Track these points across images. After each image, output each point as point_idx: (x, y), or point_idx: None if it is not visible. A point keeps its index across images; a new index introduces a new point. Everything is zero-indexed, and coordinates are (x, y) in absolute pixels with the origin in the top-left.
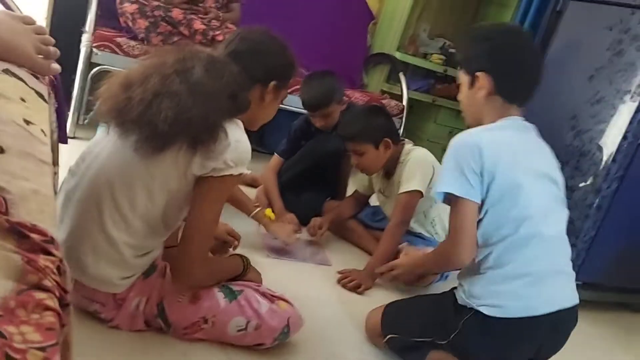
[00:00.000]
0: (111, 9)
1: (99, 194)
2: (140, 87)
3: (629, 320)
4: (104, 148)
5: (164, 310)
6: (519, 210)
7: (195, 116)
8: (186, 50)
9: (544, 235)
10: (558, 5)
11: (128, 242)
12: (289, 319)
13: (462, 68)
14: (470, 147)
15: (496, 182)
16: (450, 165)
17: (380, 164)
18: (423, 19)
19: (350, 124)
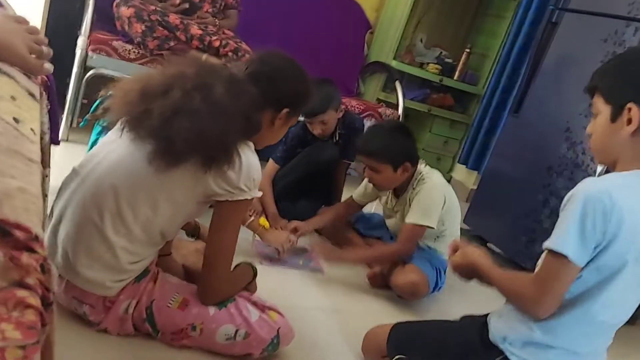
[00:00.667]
0: (107, 12)
1: (103, 197)
2: (160, 100)
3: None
4: (114, 151)
5: (153, 314)
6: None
7: (213, 137)
8: (207, 65)
9: (607, 324)
10: (553, 17)
11: (126, 248)
12: (279, 329)
13: (602, 96)
14: (603, 205)
15: (601, 259)
16: (576, 221)
17: (395, 184)
18: (420, 28)
19: (372, 141)
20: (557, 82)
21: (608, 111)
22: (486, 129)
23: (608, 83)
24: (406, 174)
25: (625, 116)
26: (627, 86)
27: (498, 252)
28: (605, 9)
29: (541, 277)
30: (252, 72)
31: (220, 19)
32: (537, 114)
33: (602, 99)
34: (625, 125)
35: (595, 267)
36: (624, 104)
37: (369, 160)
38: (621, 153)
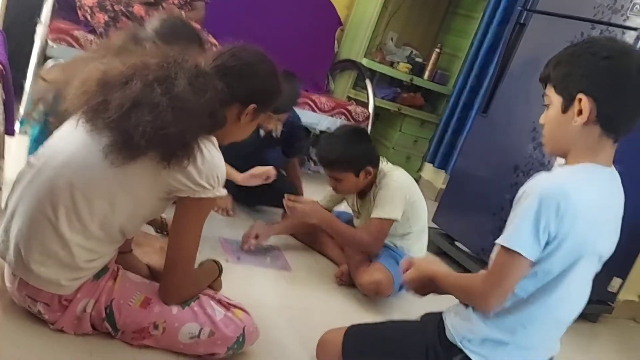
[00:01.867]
0: (69, 1)
1: (57, 192)
2: (120, 91)
3: (587, 329)
4: (69, 144)
5: (113, 313)
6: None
7: (173, 133)
8: (170, 56)
9: (562, 319)
10: (521, 18)
11: (82, 245)
12: (245, 328)
13: (554, 86)
14: (557, 202)
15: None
16: (528, 219)
17: (358, 189)
18: (391, 27)
19: (330, 150)
20: (524, 83)
21: (559, 102)
22: (453, 128)
23: (560, 73)
24: (369, 177)
25: (576, 107)
26: (578, 77)
27: (465, 250)
28: (572, 12)
29: (493, 272)
30: (220, 65)
31: (187, 11)
32: (505, 114)
33: (554, 90)
34: (576, 116)
35: (550, 265)
36: (575, 94)
37: (329, 170)
38: (572, 144)
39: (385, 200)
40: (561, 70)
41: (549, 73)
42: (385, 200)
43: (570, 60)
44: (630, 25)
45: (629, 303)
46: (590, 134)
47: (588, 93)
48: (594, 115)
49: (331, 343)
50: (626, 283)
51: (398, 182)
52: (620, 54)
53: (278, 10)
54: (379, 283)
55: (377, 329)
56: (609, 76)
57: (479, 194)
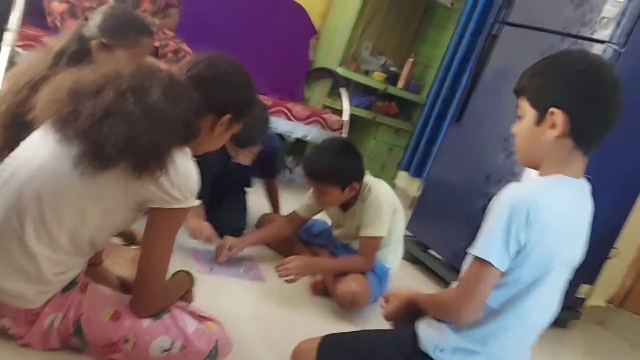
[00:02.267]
0: (38, 7)
1: (24, 203)
2: (91, 100)
3: (556, 334)
4: (37, 154)
5: (81, 328)
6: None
7: (146, 143)
8: (144, 66)
9: (534, 328)
10: (493, 30)
11: (50, 258)
12: (218, 341)
13: (528, 99)
14: (527, 212)
15: (525, 267)
16: (499, 227)
17: (341, 201)
18: (366, 36)
19: (318, 164)
20: (496, 93)
21: (533, 114)
22: (428, 137)
23: (534, 86)
24: (353, 192)
25: (549, 120)
26: (552, 90)
27: (439, 257)
28: (542, 24)
29: (465, 282)
30: (195, 75)
31: (161, 18)
32: (477, 124)
33: (528, 102)
34: (549, 129)
35: (519, 274)
36: (548, 107)
37: (316, 183)
38: (544, 156)
39: (375, 218)
40: (535, 83)
41: (524, 85)
42: (374, 218)
43: (544, 72)
44: (598, 38)
45: (596, 308)
46: (562, 147)
47: (561, 107)
48: (567, 128)
49: (306, 353)
50: (594, 289)
51: (384, 198)
52: (594, 67)
53: (253, 19)
54: (355, 293)
55: (352, 339)
56: (582, 90)
57: (452, 201)
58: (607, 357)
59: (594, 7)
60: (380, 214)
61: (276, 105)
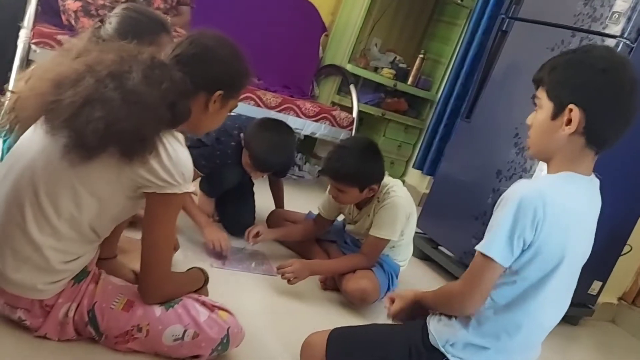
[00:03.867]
0: (52, 5)
1: (22, 195)
2: (72, 88)
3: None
4: (30, 147)
5: (95, 317)
6: (526, 316)
7: (127, 128)
8: (125, 50)
9: (544, 325)
10: (504, 25)
11: (55, 247)
12: (229, 329)
13: (546, 91)
14: (535, 209)
15: (533, 264)
16: (504, 225)
17: (358, 201)
18: (375, 33)
19: (341, 165)
20: (506, 89)
21: (550, 108)
22: (441, 135)
23: (554, 79)
24: (371, 193)
25: (566, 116)
26: (572, 86)
27: (449, 254)
28: (553, 19)
29: (469, 275)
30: (180, 54)
31: (172, 16)
32: (488, 120)
33: (546, 94)
34: (564, 125)
35: (528, 272)
36: (566, 104)
37: (336, 182)
38: (556, 151)
39: (387, 221)
40: (556, 77)
41: (543, 76)
42: (386, 221)
43: (566, 67)
44: (609, 33)
45: (609, 305)
46: (575, 144)
47: (579, 104)
48: (581, 126)
49: (315, 345)
50: (606, 286)
51: (401, 204)
52: (617, 67)
53: (263, 16)
54: (365, 290)
55: (361, 332)
56: (602, 90)
57: (462, 198)
58: (619, 354)
59: (604, 2)
60: (395, 219)
61: (286, 103)
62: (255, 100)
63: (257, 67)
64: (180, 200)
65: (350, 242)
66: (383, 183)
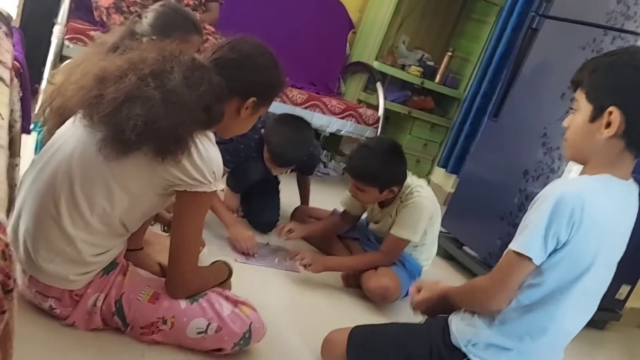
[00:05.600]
0: (85, 1)
1: (58, 189)
2: (114, 85)
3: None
4: (68, 141)
5: (122, 308)
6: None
7: (165, 127)
8: (168, 50)
9: (568, 330)
10: (534, 23)
11: (87, 240)
12: (252, 324)
13: (585, 93)
14: (572, 210)
15: (563, 264)
16: (541, 223)
17: (377, 201)
18: (402, 30)
19: (363, 164)
20: (535, 88)
21: (589, 110)
22: (467, 133)
23: (594, 81)
24: (391, 195)
25: (605, 119)
26: (613, 89)
27: (473, 254)
28: (584, 17)
29: (499, 269)
30: (219, 58)
31: (201, 13)
32: (515, 119)
33: (585, 96)
34: (603, 128)
35: (557, 274)
36: (606, 106)
37: (356, 181)
38: (593, 155)
39: (409, 221)
40: (597, 79)
41: (583, 78)
42: (408, 222)
43: (608, 70)
44: None
45: (637, 311)
46: (614, 148)
47: (620, 107)
48: (621, 130)
49: (336, 342)
50: (634, 290)
51: (424, 205)
52: None
53: (291, 13)
54: (387, 288)
55: (382, 330)
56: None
57: (488, 198)
58: None
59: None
60: (418, 220)
61: (312, 99)
62: (281, 97)
63: (284, 64)
64: (210, 198)
65: (373, 239)
66: (406, 183)
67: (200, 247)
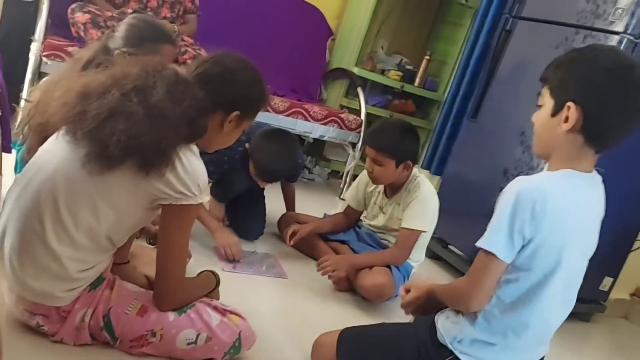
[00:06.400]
0: (62, 17)
1: (42, 206)
2: (97, 101)
3: (580, 328)
4: (52, 158)
5: (110, 322)
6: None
7: (148, 141)
8: (150, 64)
9: (550, 324)
10: (507, 25)
11: (73, 256)
12: (241, 332)
13: (549, 89)
14: (533, 205)
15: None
16: (504, 220)
17: (392, 179)
18: (381, 35)
19: (383, 136)
20: (512, 88)
21: (551, 105)
22: (448, 134)
23: (556, 77)
24: (405, 173)
25: (564, 113)
26: (573, 84)
27: (459, 253)
28: (556, 17)
29: (472, 272)
30: (202, 72)
31: (179, 25)
32: (494, 119)
33: (549, 92)
34: (562, 122)
35: (531, 269)
36: (565, 101)
37: (376, 153)
38: (555, 149)
39: (420, 212)
40: (559, 74)
41: (549, 75)
42: (420, 213)
43: (569, 66)
44: (613, 30)
45: (621, 302)
46: (573, 142)
47: (578, 102)
48: (579, 125)
49: (326, 345)
50: (617, 282)
51: (428, 197)
52: (622, 67)
53: (269, 22)
54: (382, 285)
55: (371, 331)
56: (603, 89)
57: (471, 197)
58: (632, 350)
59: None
60: (427, 210)
61: (294, 107)
62: None
63: (265, 72)
64: (196, 210)
65: (366, 237)
66: (414, 173)
67: (187, 259)
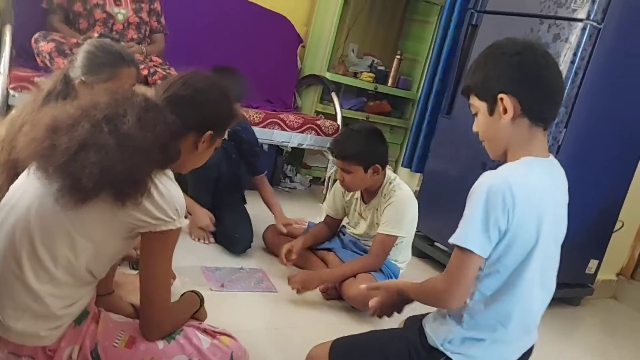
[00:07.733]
0: (26, 48)
1: (18, 245)
2: (67, 134)
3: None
4: (24, 195)
5: (99, 358)
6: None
7: (121, 171)
8: (119, 93)
9: (533, 312)
10: (473, 19)
11: (53, 294)
12: (232, 353)
13: (476, 94)
14: (503, 197)
15: (509, 252)
16: (477, 216)
17: (365, 185)
18: (350, 39)
19: (347, 144)
20: None
21: (484, 107)
22: (425, 132)
23: (477, 80)
24: (376, 176)
25: (500, 107)
26: (495, 78)
27: (446, 250)
28: (519, 9)
29: (450, 270)
30: (172, 95)
31: (147, 45)
32: (467, 115)
33: (477, 97)
34: (502, 114)
35: (508, 260)
36: (496, 95)
37: (342, 162)
38: (507, 141)
39: (395, 217)
40: (478, 76)
41: (469, 83)
42: (395, 219)
43: (484, 64)
44: (576, 17)
45: (608, 282)
46: (521, 127)
47: (507, 91)
48: (518, 110)
49: (318, 357)
50: (603, 263)
51: (405, 200)
52: (526, 48)
53: (238, 34)
54: (366, 294)
55: (362, 339)
56: (521, 70)
57: (452, 193)
58: (623, 330)
59: None
60: (403, 214)
61: (269, 117)
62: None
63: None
64: (176, 235)
65: (350, 244)
66: (388, 177)
67: (171, 283)
